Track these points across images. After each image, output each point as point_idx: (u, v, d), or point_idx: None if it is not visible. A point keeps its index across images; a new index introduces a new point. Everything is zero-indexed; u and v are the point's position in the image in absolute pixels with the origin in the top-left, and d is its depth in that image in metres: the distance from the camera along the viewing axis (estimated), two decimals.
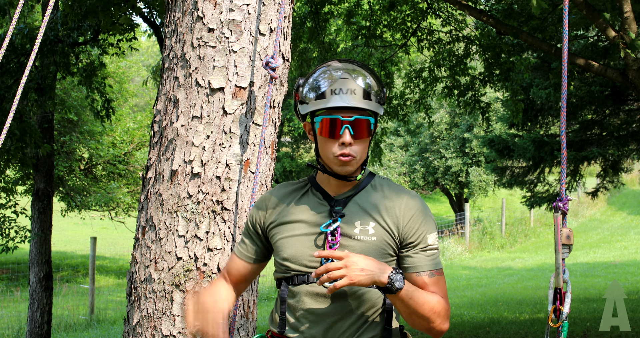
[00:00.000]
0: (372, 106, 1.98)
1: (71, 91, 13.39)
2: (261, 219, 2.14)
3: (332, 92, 1.96)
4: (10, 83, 7.01)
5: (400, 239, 2.03)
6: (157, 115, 2.87)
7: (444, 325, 1.99)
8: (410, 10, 8.96)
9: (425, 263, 2.03)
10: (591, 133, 10.61)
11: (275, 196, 2.15)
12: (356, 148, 1.98)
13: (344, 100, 1.95)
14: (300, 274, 2.05)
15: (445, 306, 2.00)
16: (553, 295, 2.06)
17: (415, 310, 1.94)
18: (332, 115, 1.97)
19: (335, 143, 1.98)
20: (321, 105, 1.97)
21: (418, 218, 2.03)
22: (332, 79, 1.98)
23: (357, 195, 2.07)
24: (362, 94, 1.96)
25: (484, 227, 20.42)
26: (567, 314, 2.02)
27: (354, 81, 1.97)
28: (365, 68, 2.04)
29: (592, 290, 11.59)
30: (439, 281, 2.04)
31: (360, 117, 1.97)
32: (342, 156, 1.98)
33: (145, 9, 8.10)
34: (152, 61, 33.10)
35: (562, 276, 2.05)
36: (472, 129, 22.10)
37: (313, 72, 2.05)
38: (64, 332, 10.00)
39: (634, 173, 26.66)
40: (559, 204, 2.05)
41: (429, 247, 2.03)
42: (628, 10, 5.22)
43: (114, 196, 15.43)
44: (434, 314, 1.96)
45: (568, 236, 2.06)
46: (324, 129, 1.98)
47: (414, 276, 2.02)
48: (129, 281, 2.83)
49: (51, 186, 8.36)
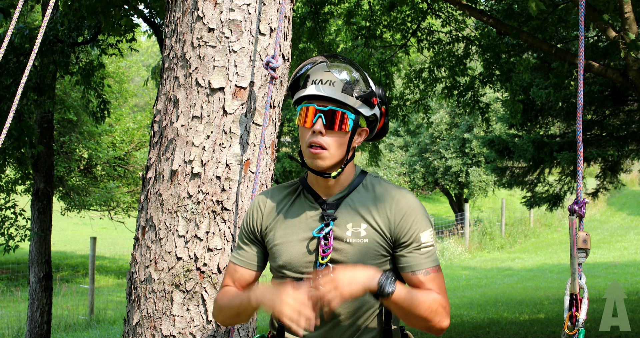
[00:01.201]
0: (351, 101, 1.97)
1: (71, 91, 13.39)
2: (258, 224, 2.13)
3: (313, 82, 1.98)
4: (9, 83, 7.01)
5: (393, 239, 2.02)
6: (157, 115, 2.87)
7: (444, 322, 1.96)
8: (410, 11, 8.96)
9: (419, 261, 2.00)
10: (591, 134, 10.62)
11: (269, 200, 2.14)
12: (328, 140, 1.97)
13: (320, 89, 1.96)
14: (296, 280, 2.04)
15: (443, 303, 1.96)
16: (569, 301, 1.99)
17: (411, 311, 1.91)
18: (309, 103, 1.99)
19: (309, 131, 1.99)
20: (301, 94, 2.01)
21: (409, 217, 2.01)
22: (315, 71, 2.00)
23: (348, 196, 2.06)
24: (342, 87, 1.96)
25: (483, 227, 20.43)
26: (583, 321, 1.95)
27: (336, 74, 1.98)
28: (356, 67, 2.04)
29: (592, 290, 11.58)
30: (436, 278, 2.00)
31: (336, 109, 1.96)
32: (311, 147, 1.97)
33: (145, 9, 8.11)
34: (152, 61, 33.11)
35: (579, 282, 1.98)
36: (472, 130, 22.10)
37: (304, 64, 2.06)
38: (63, 332, 10.00)
39: (634, 174, 26.66)
40: (575, 207, 1.98)
41: (422, 245, 2.00)
42: (628, 11, 5.22)
43: (113, 196, 15.44)
44: (431, 313, 1.93)
45: (585, 240, 1.98)
46: (301, 116, 2.00)
47: (409, 275, 2.00)
48: (129, 281, 2.83)
49: (51, 186, 8.35)
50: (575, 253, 1.99)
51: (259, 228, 2.13)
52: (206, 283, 2.69)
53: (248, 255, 2.15)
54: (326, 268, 1.96)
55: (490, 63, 8.54)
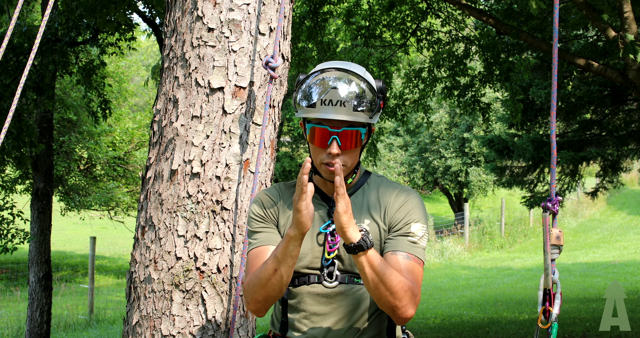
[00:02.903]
0: (363, 117, 1.95)
1: (70, 90, 13.38)
2: (273, 211, 2.10)
3: (322, 102, 1.94)
4: (8, 82, 7.01)
5: (387, 228, 2.04)
6: (157, 115, 2.87)
7: (410, 309, 1.90)
8: (409, 10, 8.96)
9: (402, 244, 1.99)
10: (590, 133, 10.62)
11: (280, 192, 2.13)
12: (345, 158, 1.98)
13: (332, 112, 1.93)
14: (300, 275, 2.05)
15: (414, 290, 1.91)
16: (542, 296, 2.04)
17: (383, 279, 1.85)
18: (321, 125, 1.96)
19: (324, 152, 1.98)
20: (311, 114, 1.97)
21: (405, 208, 2.04)
22: (323, 87, 1.95)
23: (353, 195, 2.09)
24: (353, 106, 1.94)
25: (483, 227, 20.43)
26: (556, 315, 1.99)
27: (345, 91, 1.94)
28: (360, 75, 1.99)
29: (592, 290, 11.59)
30: (414, 268, 1.97)
31: (349, 129, 1.96)
32: (328, 165, 1.97)
33: (145, 8, 8.11)
34: (152, 60, 33.09)
35: (552, 277, 2.02)
36: (471, 129, 22.10)
37: (307, 76, 2.02)
38: (63, 332, 9.99)
39: (634, 173, 26.66)
40: (548, 205, 2.03)
41: (411, 234, 2.01)
42: (628, 11, 5.21)
43: (113, 196, 15.43)
44: (401, 291, 1.87)
45: (558, 237, 2.03)
46: (313, 137, 1.98)
47: (389, 254, 1.98)
48: (129, 281, 2.83)
49: (50, 185, 8.34)
50: (549, 249, 2.02)
51: (275, 215, 2.10)
52: (206, 283, 2.69)
53: (265, 236, 2.09)
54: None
55: (490, 63, 8.54)
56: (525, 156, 10.90)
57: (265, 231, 2.08)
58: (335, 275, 2.03)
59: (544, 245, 2.03)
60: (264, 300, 1.98)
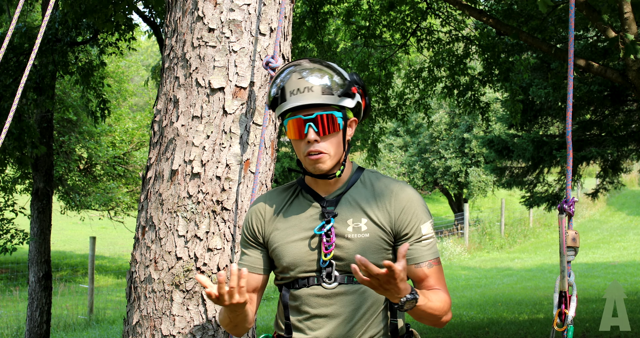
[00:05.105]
0: (334, 100, 1.97)
1: (70, 91, 13.38)
2: (260, 229, 2.12)
3: (291, 93, 1.97)
4: (8, 82, 7.01)
5: (394, 233, 2.04)
6: (157, 115, 2.87)
7: (448, 316, 2.02)
8: (409, 10, 8.96)
9: (422, 254, 2.02)
10: (590, 133, 10.62)
11: (268, 204, 2.14)
12: (325, 144, 1.98)
13: (300, 99, 1.96)
14: (300, 279, 2.05)
15: (449, 300, 2.01)
16: (558, 299, 2.03)
17: (426, 318, 1.97)
18: (294, 116, 1.98)
19: (303, 142, 1.99)
20: (283, 108, 1.99)
21: (409, 210, 2.03)
22: (290, 81, 1.99)
23: (347, 192, 2.07)
24: (321, 90, 1.96)
25: (483, 227, 20.44)
26: (572, 318, 1.99)
27: (311, 79, 1.97)
28: (325, 64, 2.03)
29: (592, 290, 11.59)
30: (438, 271, 2.04)
31: (323, 113, 1.97)
32: (310, 155, 1.98)
33: (145, 9, 8.11)
34: (152, 60, 33.10)
35: (568, 279, 2.02)
36: (471, 130, 22.10)
37: (275, 77, 2.05)
38: (63, 332, 9.99)
39: (634, 174, 26.65)
40: (564, 206, 2.01)
41: (423, 237, 2.03)
42: (628, 11, 5.21)
43: (113, 196, 15.43)
44: (442, 313, 1.98)
45: (574, 239, 2.01)
46: (290, 130, 2.00)
47: (412, 267, 2.03)
48: (129, 281, 2.83)
49: (50, 185, 8.35)
50: (565, 251, 2.02)
51: (261, 232, 2.12)
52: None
53: (252, 259, 2.14)
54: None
55: (490, 63, 8.55)
56: (525, 157, 10.90)
57: (250, 254, 2.14)
58: (334, 276, 2.02)
59: (560, 247, 2.01)
60: (235, 332, 2.13)
